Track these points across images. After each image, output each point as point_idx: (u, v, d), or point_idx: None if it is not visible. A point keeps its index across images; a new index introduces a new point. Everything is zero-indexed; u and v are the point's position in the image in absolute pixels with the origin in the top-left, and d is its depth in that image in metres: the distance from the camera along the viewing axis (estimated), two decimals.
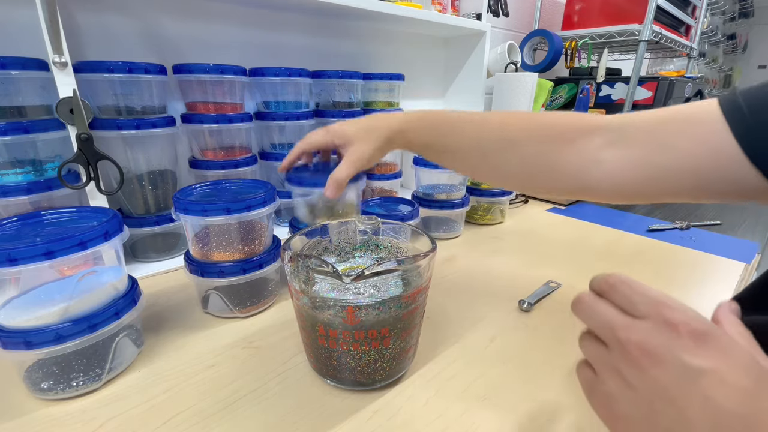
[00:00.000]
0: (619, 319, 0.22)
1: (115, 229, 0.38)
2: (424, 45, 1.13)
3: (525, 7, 1.42)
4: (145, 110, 0.61)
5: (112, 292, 0.39)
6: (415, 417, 0.35)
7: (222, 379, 0.39)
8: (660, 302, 0.21)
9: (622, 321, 0.22)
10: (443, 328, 0.47)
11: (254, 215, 0.47)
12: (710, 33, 2.64)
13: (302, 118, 0.76)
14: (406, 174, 1.04)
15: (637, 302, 0.22)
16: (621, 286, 0.23)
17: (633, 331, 0.21)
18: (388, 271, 0.32)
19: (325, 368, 0.37)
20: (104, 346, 0.38)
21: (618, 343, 0.22)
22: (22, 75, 0.51)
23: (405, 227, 0.44)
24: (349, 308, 0.33)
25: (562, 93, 1.33)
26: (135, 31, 0.66)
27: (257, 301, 0.50)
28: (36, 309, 0.35)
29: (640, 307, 0.22)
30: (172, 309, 0.51)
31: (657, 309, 0.21)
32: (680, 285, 0.58)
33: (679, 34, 1.33)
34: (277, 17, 0.82)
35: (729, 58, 3.64)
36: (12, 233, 0.37)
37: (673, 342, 0.20)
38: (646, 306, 0.22)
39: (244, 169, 0.72)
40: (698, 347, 0.20)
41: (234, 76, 0.67)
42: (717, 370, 0.19)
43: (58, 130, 0.54)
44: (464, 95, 1.19)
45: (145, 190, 0.63)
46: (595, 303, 0.24)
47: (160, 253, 0.66)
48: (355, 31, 0.96)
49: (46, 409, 0.35)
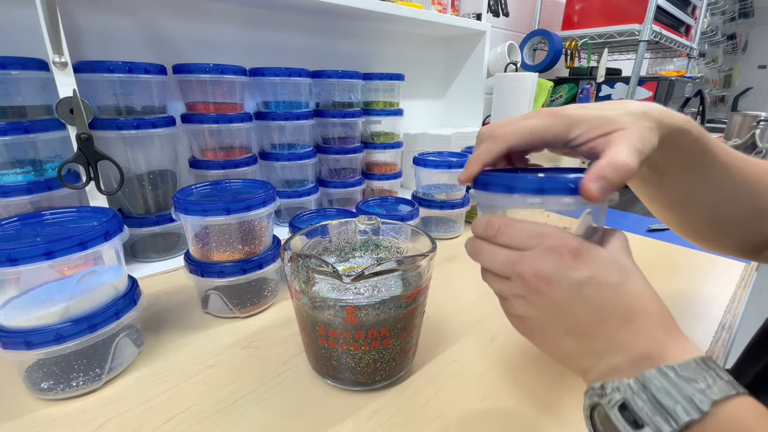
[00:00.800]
0: (512, 256, 0.27)
1: (115, 229, 0.38)
2: (424, 45, 1.13)
3: (525, 7, 1.42)
4: (145, 110, 0.61)
5: (112, 292, 0.39)
6: (415, 417, 0.35)
7: (222, 379, 0.39)
8: (540, 233, 0.26)
9: (514, 257, 0.26)
10: (443, 328, 0.47)
11: (254, 215, 0.47)
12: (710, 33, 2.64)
13: (302, 118, 0.76)
14: (406, 174, 1.04)
15: (522, 238, 0.26)
16: (504, 229, 0.27)
17: (525, 263, 0.26)
18: (388, 271, 0.32)
19: (325, 368, 0.37)
20: (104, 346, 0.38)
21: (517, 275, 0.26)
22: (22, 75, 0.51)
23: (405, 227, 0.44)
24: (349, 308, 0.33)
25: (562, 93, 1.33)
26: (135, 31, 0.66)
27: (257, 301, 0.50)
28: (36, 309, 0.35)
29: (527, 242, 0.26)
30: (172, 309, 0.51)
31: (540, 239, 0.26)
32: (680, 285, 0.58)
33: (679, 34, 1.33)
34: (277, 17, 0.82)
35: (729, 58, 3.64)
36: (12, 233, 0.37)
37: (559, 263, 0.25)
38: (531, 239, 0.26)
39: (244, 169, 0.72)
40: (577, 262, 0.24)
41: (234, 76, 0.67)
42: (593, 276, 0.24)
43: (58, 130, 0.54)
44: (464, 95, 1.19)
45: (145, 190, 0.63)
46: (490, 248, 0.28)
47: (160, 253, 0.66)
48: (355, 31, 0.96)
49: (46, 409, 0.35)
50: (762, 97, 3.83)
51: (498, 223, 0.28)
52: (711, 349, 0.44)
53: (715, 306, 0.52)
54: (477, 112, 1.16)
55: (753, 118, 1.51)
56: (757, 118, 1.50)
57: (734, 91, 3.61)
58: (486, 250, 0.28)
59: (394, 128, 0.95)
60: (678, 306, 0.52)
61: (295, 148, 0.79)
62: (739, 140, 1.54)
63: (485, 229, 0.28)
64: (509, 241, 0.27)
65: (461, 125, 1.19)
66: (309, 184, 0.82)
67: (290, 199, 0.79)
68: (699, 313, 0.51)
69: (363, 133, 0.93)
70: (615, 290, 0.24)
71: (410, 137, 1.05)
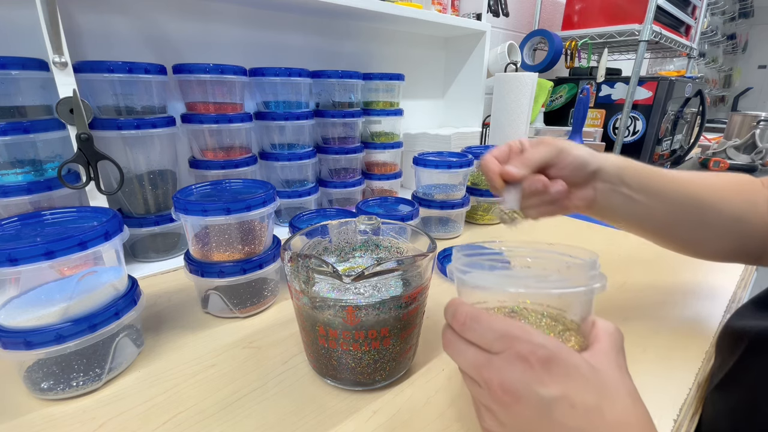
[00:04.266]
0: (479, 359, 0.24)
1: (115, 229, 0.38)
2: (424, 45, 1.13)
3: (525, 7, 1.42)
4: (145, 110, 0.61)
5: (112, 292, 0.39)
6: (415, 417, 0.35)
7: (222, 379, 0.39)
8: (509, 335, 0.23)
9: (482, 360, 0.24)
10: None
11: (254, 215, 0.47)
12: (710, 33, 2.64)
13: (302, 118, 0.76)
14: (406, 174, 1.04)
15: (489, 339, 0.24)
16: (471, 324, 0.24)
17: (492, 371, 0.23)
18: (388, 271, 0.32)
19: (325, 368, 0.37)
20: (104, 346, 0.38)
21: (484, 382, 0.24)
22: (22, 75, 0.51)
23: (405, 227, 0.44)
24: (349, 308, 0.33)
25: (562, 93, 1.33)
26: (135, 31, 0.66)
27: (257, 301, 0.50)
28: (36, 309, 0.35)
29: (494, 344, 0.23)
30: (172, 309, 0.51)
31: (507, 343, 0.23)
32: (680, 285, 0.58)
33: (679, 34, 1.33)
34: (278, 17, 0.82)
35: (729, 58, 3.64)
36: (12, 233, 0.37)
37: (527, 375, 0.22)
38: (498, 341, 0.23)
39: (244, 169, 0.72)
40: (547, 375, 0.21)
41: (234, 76, 0.67)
42: (565, 395, 0.21)
43: (58, 130, 0.54)
44: (464, 95, 1.19)
45: (145, 190, 0.63)
46: (457, 343, 0.26)
47: (160, 253, 0.66)
48: (355, 31, 0.96)
49: (45, 409, 0.35)
50: (762, 97, 3.83)
51: (465, 314, 0.25)
52: (711, 349, 0.44)
53: (715, 306, 0.52)
54: (477, 112, 1.16)
55: (753, 118, 1.51)
56: (757, 118, 1.50)
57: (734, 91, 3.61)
58: (455, 346, 0.26)
59: (394, 128, 0.95)
60: (678, 306, 0.52)
61: (295, 148, 0.79)
62: (739, 140, 1.54)
63: (451, 318, 0.26)
64: (476, 338, 0.24)
65: (461, 125, 1.19)
66: (309, 184, 0.82)
67: (290, 199, 0.79)
68: (699, 313, 0.51)
69: (363, 133, 0.93)
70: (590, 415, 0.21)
71: (410, 137, 1.05)
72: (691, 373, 0.40)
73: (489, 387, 0.23)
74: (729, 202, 0.40)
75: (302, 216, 0.62)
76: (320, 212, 0.64)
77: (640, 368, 0.37)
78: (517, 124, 1.04)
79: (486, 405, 0.25)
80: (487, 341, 0.24)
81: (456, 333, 0.26)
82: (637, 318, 0.49)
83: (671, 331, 0.47)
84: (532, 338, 0.22)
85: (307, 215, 0.62)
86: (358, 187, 0.89)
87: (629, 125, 1.18)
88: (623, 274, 0.60)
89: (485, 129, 1.20)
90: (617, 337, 0.24)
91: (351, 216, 0.57)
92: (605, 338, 0.24)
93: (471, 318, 0.25)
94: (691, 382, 0.39)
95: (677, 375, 0.40)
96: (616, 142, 1.19)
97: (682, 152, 1.38)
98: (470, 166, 0.75)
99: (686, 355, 0.43)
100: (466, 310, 0.25)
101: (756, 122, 1.50)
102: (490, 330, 0.24)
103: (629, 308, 0.51)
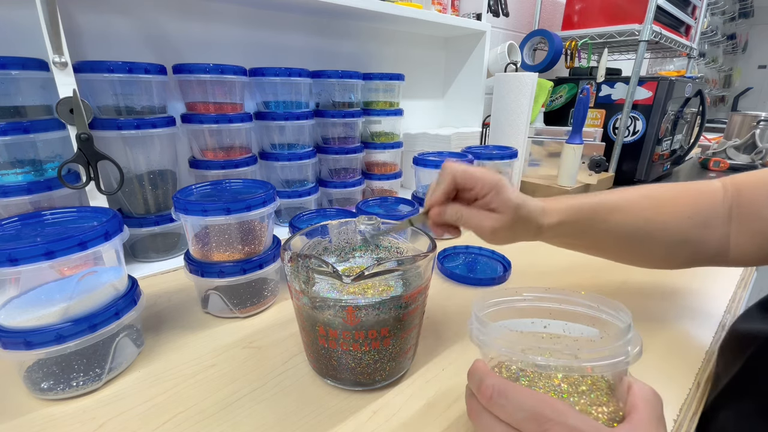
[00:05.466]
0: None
1: (115, 229, 0.38)
2: (424, 45, 1.13)
3: (525, 7, 1.42)
4: (145, 110, 0.61)
5: (112, 292, 0.39)
6: (415, 417, 0.35)
7: (222, 379, 0.39)
8: (541, 416, 0.22)
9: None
10: (443, 328, 0.47)
11: (254, 215, 0.47)
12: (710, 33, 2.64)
13: (302, 118, 0.76)
14: (406, 174, 1.04)
15: (519, 418, 0.23)
16: (498, 399, 0.23)
17: None
18: (388, 271, 0.32)
19: (325, 368, 0.37)
20: (104, 346, 0.38)
21: None
22: (22, 75, 0.51)
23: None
24: (349, 308, 0.33)
25: (562, 93, 1.33)
26: (135, 31, 0.66)
27: (257, 301, 0.50)
28: (36, 309, 0.35)
29: (524, 425, 0.22)
30: (172, 309, 0.51)
31: (540, 426, 0.22)
32: (680, 285, 0.58)
33: (679, 34, 1.33)
34: (277, 17, 0.82)
35: (729, 58, 3.64)
36: (12, 233, 0.37)
37: None
38: (529, 423, 0.22)
39: (244, 169, 0.72)
40: None
41: (234, 76, 0.67)
42: None
43: (58, 130, 0.54)
44: (464, 95, 1.19)
45: (145, 190, 0.63)
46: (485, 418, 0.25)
47: (160, 253, 0.66)
48: (355, 31, 0.96)
49: (45, 409, 0.35)
50: (762, 97, 3.82)
51: (491, 388, 0.24)
52: (711, 348, 0.44)
53: (715, 306, 0.52)
54: (477, 112, 1.16)
55: (753, 118, 1.51)
56: (757, 118, 1.50)
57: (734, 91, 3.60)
58: (482, 420, 0.25)
59: (394, 128, 0.95)
60: (678, 305, 0.52)
61: (295, 148, 0.79)
62: (739, 140, 1.54)
63: (478, 391, 0.25)
64: (505, 417, 0.23)
65: (461, 125, 1.19)
66: (309, 184, 0.82)
67: (290, 199, 0.79)
68: (699, 313, 0.51)
69: (363, 133, 0.93)
70: None
71: (410, 137, 1.05)
72: (691, 372, 0.40)
73: None
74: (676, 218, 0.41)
75: (302, 216, 0.62)
76: (320, 212, 0.64)
77: (640, 368, 0.37)
78: (517, 124, 1.04)
79: None
80: (516, 420, 0.23)
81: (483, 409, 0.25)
82: (637, 317, 0.49)
83: (671, 330, 0.47)
84: (566, 420, 0.21)
85: (307, 215, 0.62)
86: (358, 187, 0.89)
87: (629, 125, 1.18)
88: (624, 274, 0.60)
89: (485, 129, 1.20)
90: (656, 404, 0.23)
91: (351, 216, 0.57)
92: (643, 407, 0.22)
93: (498, 393, 0.23)
94: (691, 382, 0.39)
95: (677, 375, 0.40)
96: (616, 142, 1.19)
97: (682, 152, 1.38)
98: None
99: (686, 354, 0.43)
100: (493, 383, 0.24)
101: (756, 122, 1.50)
102: (519, 409, 0.23)
103: (629, 308, 0.51)
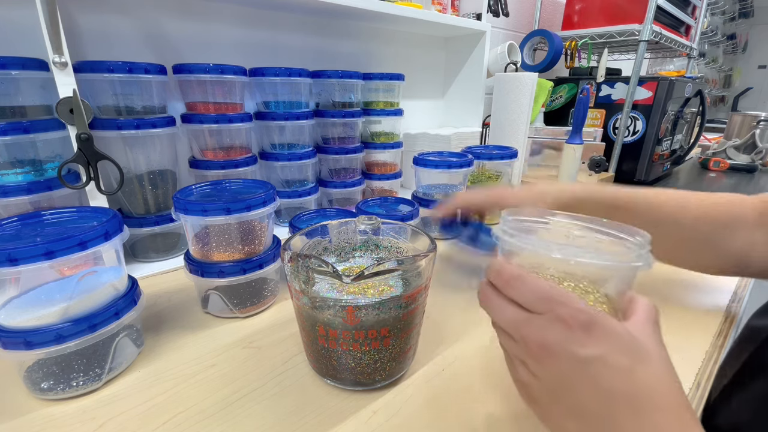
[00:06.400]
0: (518, 317, 0.25)
1: (115, 229, 0.38)
2: (424, 45, 1.13)
3: (525, 7, 1.42)
4: (145, 110, 0.61)
5: (112, 292, 0.39)
6: (415, 417, 0.35)
7: (222, 379, 0.39)
8: (551, 298, 0.24)
9: (521, 318, 0.25)
10: (443, 328, 0.47)
11: (254, 215, 0.47)
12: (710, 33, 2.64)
13: (302, 118, 0.76)
14: (406, 174, 1.04)
15: (531, 299, 0.24)
16: (515, 282, 0.25)
17: (531, 329, 0.24)
18: (388, 271, 0.32)
19: (325, 368, 0.37)
20: (104, 346, 0.38)
21: (521, 338, 0.25)
22: (22, 75, 0.51)
23: (405, 227, 0.44)
24: (349, 308, 0.33)
25: (562, 93, 1.33)
26: (135, 31, 0.66)
27: (257, 301, 0.50)
28: (36, 309, 0.35)
29: (535, 304, 0.24)
30: (172, 309, 0.51)
31: (549, 305, 0.24)
32: (680, 285, 0.58)
33: (679, 34, 1.33)
34: (277, 17, 0.82)
35: (729, 58, 3.64)
36: (12, 233, 0.37)
37: (565, 335, 0.23)
38: (540, 303, 0.24)
39: (244, 169, 0.72)
40: (586, 337, 0.22)
41: (234, 76, 0.67)
42: (602, 356, 0.22)
43: (58, 130, 0.54)
44: (464, 95, 1.19)
45: (145, 190, 0.63)
46: (497, 301, 0.26)
47: (160, 253, 0.66)
48: (355, 31, 0.96)
49: (45, 409, 0.35)
50: (762, 97, 3.82)
51: (509, 273, 0.26)
52: (713, 343, 0.44)
53: (718, 302, 0.52)
54: (477, 112, 1.16)
55: (753, 118, 1.51)
56: (757, 118, 1.50)
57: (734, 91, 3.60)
58: (494, 303, 0.27)
59: (394, 128, 0.95)
60: (680, 302, 0.52)
61: (295, 148, 0.79)
62: (739, 140, 1.54)
63: (496, 276, 0.27)
64: (518, 297, 0.25)
65: (461, 125, 1.19)
66: (309, 184, 0.82)
67: (290, 199, 0.79)
68: (701, 309, 0.51)
69: (363, 133, 0.93)
70: (624, 376, 0.22)
71: (410, 137, 1.05)
72: (694, 366, 0.40)
73: (526, 343, 0.24)
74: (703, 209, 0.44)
75: (302, 216, 0.62)
76: (320, 212, 0.64)
77: None
78: (517, 124, 1.04)
79: (520, 358, 0.26)
80: (528, 301, 0.24)
81: (496, 290, 0.27)
82: None
83: (674, 325, 0.47)
84: (574, 303, 0.23)
85: (307, 215, 0.62)
86: (358, 187, 0.89)
87: (629, 125, 1.18)
88: None
89: (485, 129, 1.20)
90: (654, 312, 0.25)
91: (351, 216, 0.57)
92: (642, 311, 0.25)
93: (515, 277, 0.25)
94: (691, 382, 0.39)
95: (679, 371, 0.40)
96: (616, 142, 1.19)
97: (682, 152, 1.38)
98: (470, 166, 0.75)
99: (687, 354, 0.42)
100: (512, 270, 0.26)
101: (756, 122, 1.50)
102: (533, 291, 0.24)
103: None
